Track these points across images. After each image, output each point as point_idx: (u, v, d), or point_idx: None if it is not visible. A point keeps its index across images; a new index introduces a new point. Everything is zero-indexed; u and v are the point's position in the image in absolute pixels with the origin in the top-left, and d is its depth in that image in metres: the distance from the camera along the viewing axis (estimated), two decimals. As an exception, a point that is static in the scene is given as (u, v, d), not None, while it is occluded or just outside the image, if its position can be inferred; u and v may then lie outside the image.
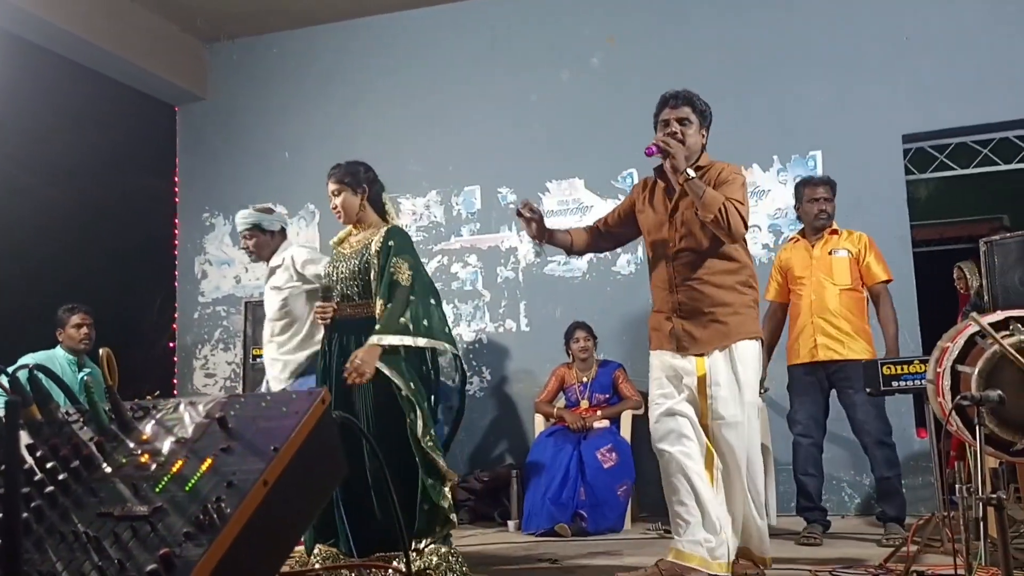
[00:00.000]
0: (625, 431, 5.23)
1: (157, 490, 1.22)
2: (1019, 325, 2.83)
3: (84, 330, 4.99)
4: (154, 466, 1.27)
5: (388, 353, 3.34)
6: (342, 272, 3.61)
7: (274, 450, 1.19)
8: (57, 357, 4.95)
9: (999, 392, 2.51)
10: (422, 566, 3.29)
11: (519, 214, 3.39)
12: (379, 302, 3.43)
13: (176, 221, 6.95)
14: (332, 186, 3.66)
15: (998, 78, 5.26)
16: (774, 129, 5.61)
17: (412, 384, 3.38)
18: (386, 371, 3.31)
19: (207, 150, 6.92)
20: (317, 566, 3.37)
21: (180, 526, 1.14)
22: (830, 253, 4.43)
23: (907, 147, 5.52)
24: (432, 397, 3.65)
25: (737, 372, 3.18)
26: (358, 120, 6.50)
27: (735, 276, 3.24)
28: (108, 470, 1.32)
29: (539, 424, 5.45)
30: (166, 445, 1.30)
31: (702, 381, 3.20)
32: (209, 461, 1.22)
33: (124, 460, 1.32)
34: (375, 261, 3.51)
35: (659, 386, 3.30)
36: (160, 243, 6.87)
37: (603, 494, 4.83)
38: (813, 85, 5.58)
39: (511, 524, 5.04)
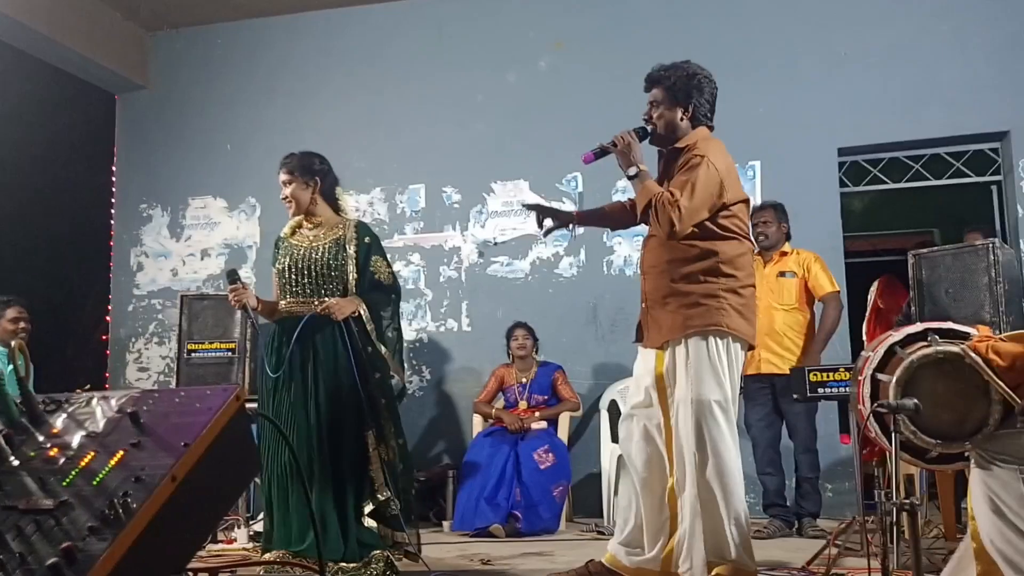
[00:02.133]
0: (563, 432, 5.27)
1: (64, 484, 1.21)
2: (936, 336, 2.94)
3: (21, 324, 4.88)
4: (63, 460, 1.26)
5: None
6: (305, 266, 3.51)
7: (184, 446, 1.19)
8: (-14, 345, 4.83)
9: (915, 401, 2.59)
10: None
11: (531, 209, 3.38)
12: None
13: (112, 212, 6.80)
14: (283, 176, 3.60)
15: (930, 96, 5.43)
16: (716, 137, 5.69)
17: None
18: (363, 311, 3.44)
19: (147, 140, 6.79)
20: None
21: (85, 520, 1.13)
22: (779, 275, 4.73)
23: (842, 160, 5.66)
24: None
25: (692, 369, 2.98)
26: (302, 114, 6.44)
27: (698, 263, 3.02)
28: (15, 463, 1.30)
29: (477, 424, 5.46)
30: (76, 439, 1.29)
31: (660, 379, 3.08)
32: (119, 456, 1.21)
33: (32, 453, 1.30)
34: (353, 258, 3.52)
35: (632, 383, 3.26)
36: (96, 234, 6.72)
37: (538, 495, 4.87)
38: (753, 96, 5.68)
39: (446, 524, 5.04)
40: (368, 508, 3.44)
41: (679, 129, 3.16)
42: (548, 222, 3.37)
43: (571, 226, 3.40)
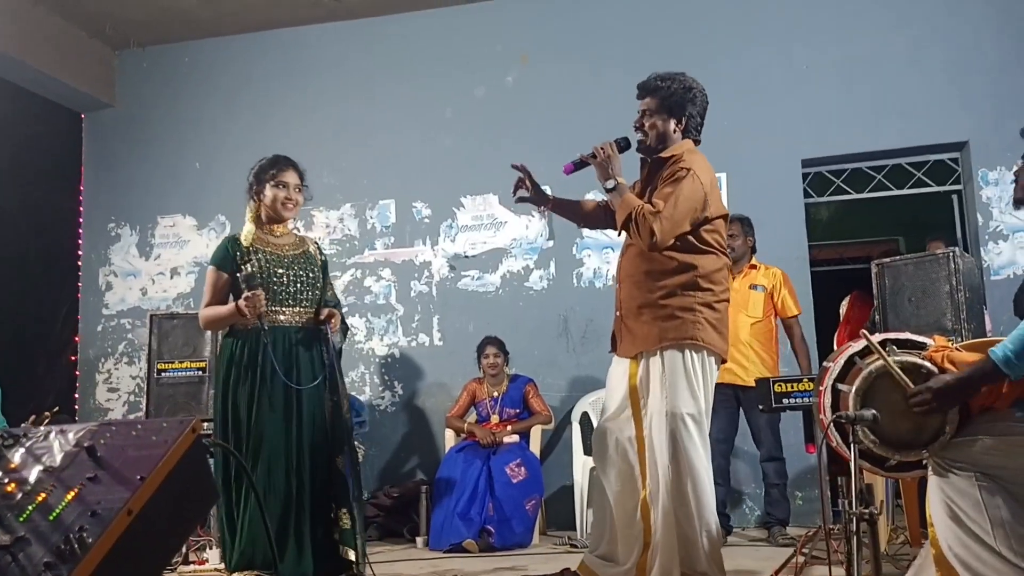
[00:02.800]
0: (535, 446, 5.29)
1: (21, 519, 1.22)
2: (894, 347, 2.99)
3: None
4: (20, 495, 1.26)
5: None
6: (285, 274, 3.50)
7: (140, 479, 1.20)
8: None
9: (873, 411, 2.64)
10: None
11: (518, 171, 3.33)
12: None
13: (80, 231, 6.74)
14: (296, 180, 3.61)
15: (890, 108, 5.53)
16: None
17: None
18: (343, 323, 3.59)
19: (114, 159, 6.76)
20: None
21: (41, 556, 1.14)
22: (750, 288, 4.87)
23: (806, 171, 5.74)
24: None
25: (666, 382, 3.00)
26: (272, 131, 6.43)
27: (676, 276, 3.04)
28: (-27, 499, 1.30)
29: (450, 439, 5.47)
30: (33, 474, 1.30)
31: (634, 390, 3.09)
32: (75, 490, 1.22)
33: (-10, 489, 1.30)
34: (320, 274, 3.63)
35: (605, 394, 3.27)
36: (63, 254, 6.66)
37: (511, 509, 4.88)
38: (718, 109, 5.68)
39: (419, 540, 5.04)
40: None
41: (670, 140, 3.17)
42: (523, 192, 3.35)
43: (542, 209, 3.42)
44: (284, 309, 3.48)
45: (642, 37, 5.95)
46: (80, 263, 6.71)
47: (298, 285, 3.51)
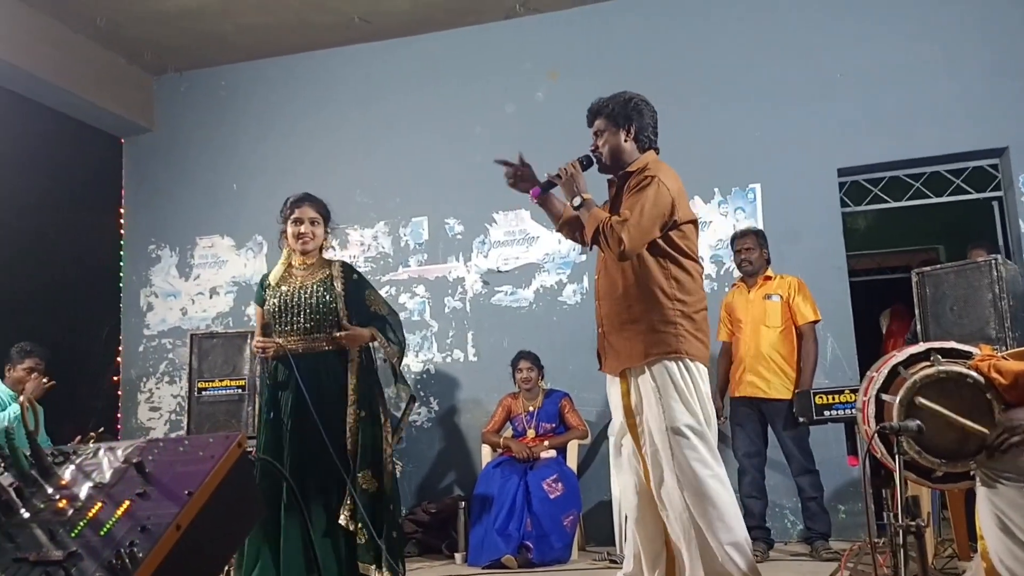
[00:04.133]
0: (572, 461, 5.27)
1: (73, 535, 1.24)
2: (939, 356, 2.95)
3: (34, 375, 4.91)
4: (71, 511, 1.28)
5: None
6: (298, 305, 3.65)
7: (188, 494, 1.22)
8: (-1, 391, 4.86)
9: (918, 422, 2.60)
10: None
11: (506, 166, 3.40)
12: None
13: (121, 253, 6.87)
14: (312, 213, 3.72)
15: (926, 115, 5.46)
16: (714, 162, 5.74)
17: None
18: (380, 339, 3.66)
19: (153, 182, 6.88)
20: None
21: (93, 571, 1.16)
22: (766, 298, 4.83)
23: (842, 180, 5.68)
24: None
25: (659, 396, 2.99)
26: (306, 151, 6.53)
27: (657, 291, 3.04)
28: (26, 515, 1.33)
29: (486, 455, 5.47)
30: (84, 490, 1.32)
31: (628, 409, 3.10)
32: (125, 506, 1.24)
33: (42, 505, 1.33)
34: (341, 296, 3.67)
35: (613, 411, 3.27)
36: (105, 276, 6.79)
37: (549, 525, 4.85)
38: (752, 119, 5.73)
39: (458, 557, 5.03)
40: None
41: (624, 152, 3.21)
42: (507, 171, 3.42)
43: (533, 196, 3.40)
44: (305, 337, 3.64)
45: (671, 52, 5.95)
46: (122, 284, 6.83)
47: (316, 317, 3.64)
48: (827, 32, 5.70)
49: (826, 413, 3.91)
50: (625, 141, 3.21)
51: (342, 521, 3.45)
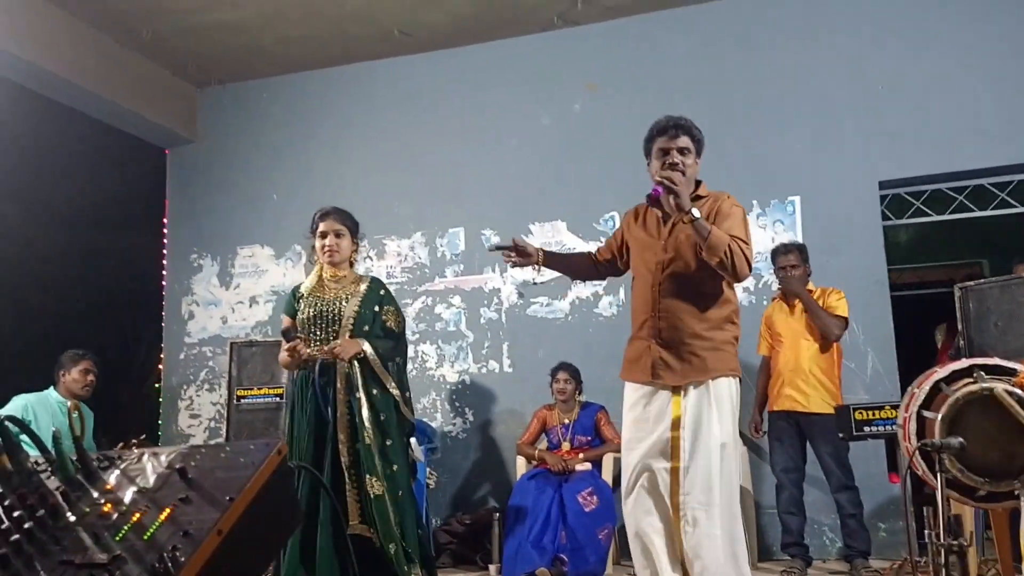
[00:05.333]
0: (607, 474, 5.24)
1: (117, 539, 1.26)
2: (982, 372, 2.89)
3: (89, 377, 5.03)
4: (115, 515, 1.31)
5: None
6: (327, 317, 3.72)
7: (229, 500, 1.24)
8: (50, 399, 4.95)
9: (960, 439, 2.56)
10: None
11: (503, 251, 3.46)
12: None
13: (164, 262, 6.99)
14: (336, 226, 3.79)
15: (969, 126, 5.38)
16: (753, 175, 5.71)
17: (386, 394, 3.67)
18: (367, 351, 3.61)
19: (196, 192, 7.00)
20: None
21: (137, 574, 1.18)
22: (805, 311, 4.76)
23: (884, 193, 5.61)
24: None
25: (714, 412, 3.06)
26: (344, 163, 6.61)
27: (719, 310, 3.15)
28: (72, 519, 1.35)
29: (521, 466, 5.46)
30: (128, 495, 1.34)
31: (676, 422, 3.09)
32: (168, 511, 1.26)
33: (87, 509, 1.35)
34: (369, 307, 3.74)
35: (630, 428, 3.24)
36: (148, 284, 6.92)
37: (584, 538, 4.83)
38: (791, 132, 5.69)
39: (492, 568, 5.03)
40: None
41: (692, 179, 3.25)
42: (515, 260, 3.47)
43: (536, 266, 3.48)
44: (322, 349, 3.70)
45: (711, 64, 5.92)
46: (164, 293, 6.94)
47: (336, 328, 3.70)
48: (870, 44, 5.64)
49: (866, 429, 3.86)
50: (697, 167, 3.26)
51: (353, 523, 3.51)
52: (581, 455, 5.23)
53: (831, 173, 5.57)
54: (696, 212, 2.98)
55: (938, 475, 2.47)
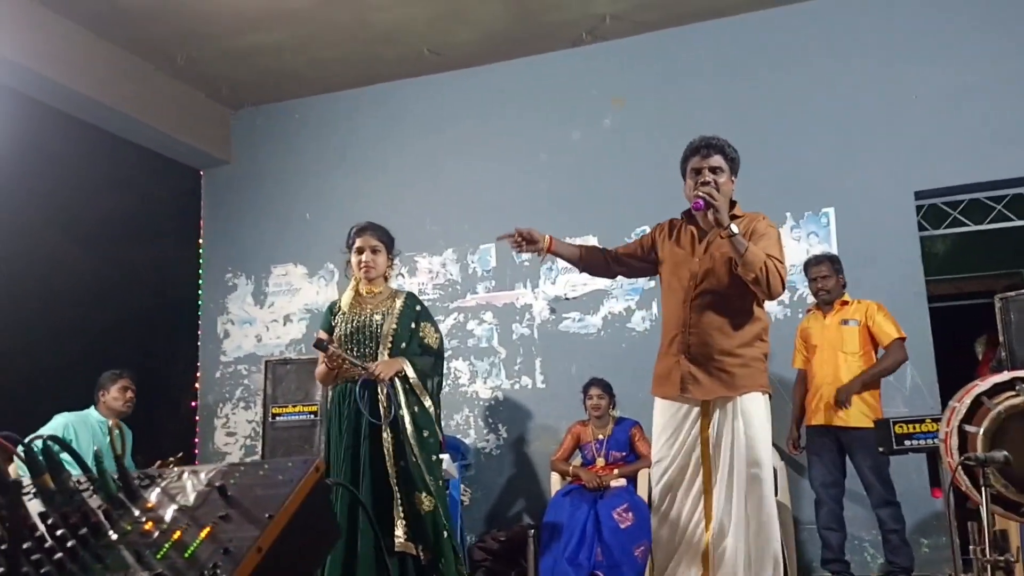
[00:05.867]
0: (642, 490, 5.20)
1: (159, 557, 1.27)
2: (1025, 385, 2.84)
3: (128, 394, 5.10)
4: (157, 533, 1.32)
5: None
6: (363, 333, 3.74)
7: (268, 517, 1.24)
8: (90, 418, 5.01)
9: (1005, 453, 2.51)
10: None
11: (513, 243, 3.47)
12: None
13: (200, 282, 7.08)
14: (373, 241, 3.82)
15: (1007, 135, 5.30)
16: (786, 186, 5.66)
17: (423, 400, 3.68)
18: (408, 370, 3.62)
19: (230, 212, 7.09)
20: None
21: (179, 592, 1.19)
22: (842, 323, 4.73)
23: (920, 203, 5.54)
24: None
25: (743, 428, 3.10)
26: (375, 182, 6.66)
27: (750, 327, 3.20)
28: (114, 537, 1.37)
29: (555, 483, 5.44)
30: (169, 513, 1.35)
31: (706, 442, 3.15)
32: (208, 528, 1.27)
33: (129, 527, 1.37)
34: (407, 326, 3.76)
35: (660, 443, 3.27)
36: (184, 303, 7.00)
37: (620, 555, 4.80)
38: (824, 142, 5.64)
39: (527, 585, 5.01)
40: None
41: (728, 197, 3.27)
42: (525, 248, 3.48)
43: (540, 253, 3.51)
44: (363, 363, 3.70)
45: (741, 75, 5.90)
46: (200, 312, 7.03)
47: (373, 344, 3.72)
48: (903, 52, 5.58)
49: (906, 443, 3.80)
50: (732, 186, 3.31)
51: (399, 540, 3.50)
52: (616, 471, 5.21)
53: (865, 183, 5.51)
54: (735, 228, 3.01)
55: (983, 490, 2.42)
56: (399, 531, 3.50)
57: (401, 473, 3.56)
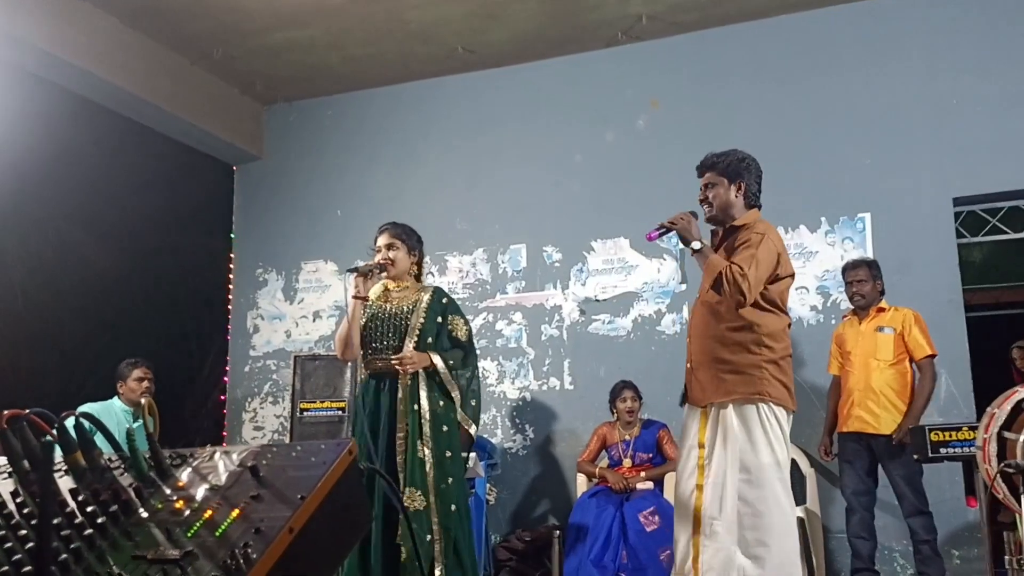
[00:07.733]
0: (669, 493, 5.14)
1: (189, 535, 1.26)
2: (1068, 393, 2.77)
3: (145, 383, 5.13)
4: (187, 512, 1.31)
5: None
6: (387, 324, 3.77)
7: (301, 498, 1.23)
8: (114, 408, 5.06)
9: (1047, 460, 2.45)
10: None
11: None
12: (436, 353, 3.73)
13: (230, 276, 7.12)
14: (388, 239, 3.88)
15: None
16: (821, 191, 5.60)
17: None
18: (438, 364, 3.64)
19: (262, 208, 7.13)
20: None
21: (209, 570, 1.17)
22: (877, 330, 4.65)
23: (958, 210, 5.45)
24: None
25: (732, 433, 3.18)
26: (407, 179, 6.66)
27: (743, 335, 3.24)
28: (144, 515, 1.36)
29: (581, 484, 5.40)
30: (200, 492, 1.34)
31: (701, 441, 3.26)
32: (240, 508, 1.26)
33: (160, 505, 1.36)
34: (433, 320, 3.77)
35: (682, 447, 3.40)
36: (215, 298, 7.05)
37: (646, 558, 4.76)
38: (860, 147, 5.57)
39: (552, 586, 4.97)
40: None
41: (733, 206, 3.39)
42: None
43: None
44: (384, 356, 3.74)
45: (777, 78, 5.83)
46: (230, 307, 7.07)
47: (395, 340, 3.74)
48: (943, 57, 5.49)
49: (942, 451, 3.73)
50: (735, 196, 3.39)
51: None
52: (643, 473, 5.16)
53: (902, 189, 5.43)
54: (697, 244, 3.24)
55: (1022, 498, 2.36)
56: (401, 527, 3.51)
57: (407, 466, 3.58)
